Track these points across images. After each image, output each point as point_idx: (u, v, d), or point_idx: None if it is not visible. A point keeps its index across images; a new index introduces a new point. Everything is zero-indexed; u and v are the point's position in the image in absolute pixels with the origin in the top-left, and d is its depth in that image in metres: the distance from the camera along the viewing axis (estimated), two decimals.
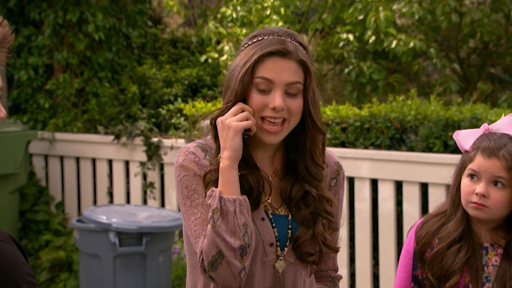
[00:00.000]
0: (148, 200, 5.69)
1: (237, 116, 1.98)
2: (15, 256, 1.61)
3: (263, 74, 1.99)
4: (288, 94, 2.01)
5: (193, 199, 2.02)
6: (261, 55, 1.99)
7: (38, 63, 6.41)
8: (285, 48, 2.00)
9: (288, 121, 2.02)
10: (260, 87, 2.00)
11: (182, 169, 2.04)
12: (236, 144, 1.97)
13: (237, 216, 1.93)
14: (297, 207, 2.07)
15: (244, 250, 1.93)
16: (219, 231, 1.92)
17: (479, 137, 2.22)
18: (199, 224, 2.00)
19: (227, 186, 1.96)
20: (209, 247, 1.93)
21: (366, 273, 4.68)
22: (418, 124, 4.71)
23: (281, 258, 2.06)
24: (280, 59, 2.00)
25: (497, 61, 7.12)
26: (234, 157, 1.97)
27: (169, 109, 6.15)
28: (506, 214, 2.19)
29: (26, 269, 1.62)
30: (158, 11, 8.28)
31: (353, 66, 6.36)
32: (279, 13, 6.21)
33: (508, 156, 2.14)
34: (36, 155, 6.21)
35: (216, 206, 1.93)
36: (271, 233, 2.05)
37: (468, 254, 2.20)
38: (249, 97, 2.02)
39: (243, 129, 1.97)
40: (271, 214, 2.07)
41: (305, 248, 2.06)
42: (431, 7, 6.19)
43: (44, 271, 5.58)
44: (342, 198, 2.22)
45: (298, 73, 2.01)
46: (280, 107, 1.98)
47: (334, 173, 2.19)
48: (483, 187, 2.16)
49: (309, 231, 2.05)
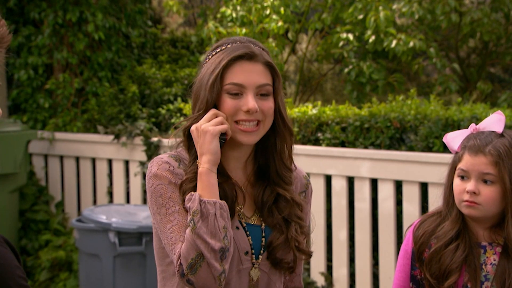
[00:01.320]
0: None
1: (212, 121, 1.99)
2: (8, 258, 1.60)
3: (232, 80, 2.02)
4: (259, 96, 2.03)
5: (168, 207, 2.01)
6: (229, 59, 2.02)
7: (38, 62, 6.41)
8: (251, 51, 2.04)
9: (263, 122, 2.04)
10: (231, 92, 2.02)
11: (156, 179, 2.03)
12: (215, 147, 1.98)
13: (217, 218, 1.93)
14: (269, 212, 2.08)
15: (223, 253, 1.93)
16: (200, 232, 1.91)
17: (466, 137, 2.24)
18: (176, 231, 1.98)
19: (207, 189, 1.96)
20: (189, 249, 1.92)
21: (366, 273, 4.68)
22: (418, 124, 4.70)
23: (256, 266, 2.06)
24: (248, 62, 2.03)
25: (497, 60, 7.12)
26: (213, 161, 1.98)
27: (169, 108, 6.15)
28: (501, 211, 2.20)
29: (19, 272, 1.61)
30: (158, 11, 8.28)
31: (353, 66, 6.35)
32: (279, 12, 6.21)
33: (494, 151, 2.15)
34: (36, 154, 6.20)
35: (196, 208, 1.93)
36: (246, 242, 2.05)
37: (465, 253, 2.20)
38: (220, 103, 2.03)
39: (220, 132, 1.98)
40: (244, 223, 2.07)
41: (279, 253, 2.07)
42: (431, 7, 6.18)
43: (44, 270, 5.57)
44: (310, 214, 2.23)
45: (267, 75, 2.05)
46: (254, 108, 2.00)
47: (304, 186, 2.21)
48: (473, 184, 2.17)
49: (282, 236, 2.06)
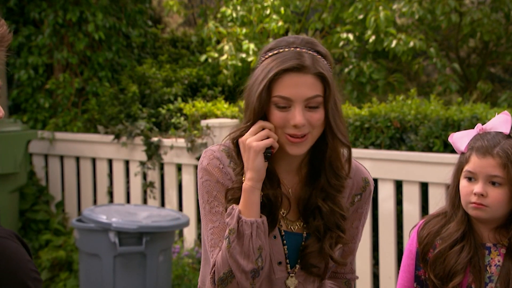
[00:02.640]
0: (148, 199, 5.69)
1: (257, 135, 1.94)
2: (19, 253, 1.60)
3: (280, 93, 1.93)
4: (308, 108, 1.95)
5: (213, 206, 2.00)
6: (276, 72, 1.92)
7: (38, 62, 6.41)
8: (300, 63, 1.92)
9: (311, 133, 1.96)
10: (279, 105, 1.94)
11: (205, 173, 2.02)
12: (258, 165, 1.93)
13: (253, 239, 1.91)
14: (312, 216, 2.03)
15: (256, 273, 1.92)
16: (233, 252, 1.90)
17: (473, 137, 2.22)
18: (216, 234, 1.98)
19: (248, 207, 1.93)
20: (222, 264, 1.92)
21: (366, 273, 4.68)
22: (418, 124, 4.70)
23: (292, 275, 2.03)
24: (296, 75, 1.93)
25: (497, 60, 7.12)
26: (256, 178, 1.94)
27: (169, 108, 6.15)
28: (507, 212, 2.19)
29: (31, 266, 1.62)
30: (158, 11, 8.28)
31: (353, 66, 6.36)
32: (279, 12, 6.21)
33: (502, 154, 2.13)
34: (36, 154, 6.21)
35: (233, 227, 1.91)
36: (281, 252, 2.03)
37: (470, 254, 2.19)
38: (269, 114, 1.97)
39: (264, 148, 1.93)
40: (283, 231, 2.04)
41: (312, 259, 2.03)
42: (431, 7, 6.19)
43: (44, 270, 5.58)
44: (365, 214, 2.16)
45: (316, 86, 1.94)
46: (301, 124, 1.92)
47: (360, 189, 2.13)
48: (480, 186, 2.15)
49: (317, 244, 2.02)
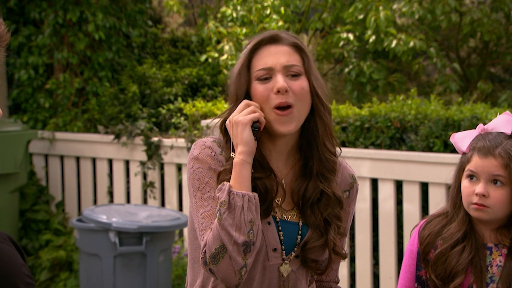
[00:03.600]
0: (148, 199, 5.69)
1: (243, 111, 1.97)
2: (13, 256, 1.59)
3: (259, 65, 2.01)
4: (290, 76, 2.00)
5: (204, 192, 2.00)
6: (252, 46, 2.03)
7: (38, 62, 6.41)
8: (275, 34, 2.03)
9: (296, 105, 1.98)
10: (260, 77, 2.00)
11: (196, 161, 2.03)
12: (247, 137, 1.95)
13: (244, 211, 1.91)
14: (311, 210, 2.04)
15: (247, 247, 1.91)
16: (225, 224, 1.90)
17: (475, 138, 2.22)
18: (207, 217, 1.97)
19: (238, 180, 1.94)
20: (213, 239, 1.91)
21: (366, 273, 4.68)
22: (418, 124, 4.70)
23: (287, 262, 2.04)
24: (273, 46, 2.03)
25: (497, 60, 7.12)
26: (247, 151, 1.95)
27: (169, 108, 6.15)
28: (509, 213, 2.18)
29: (24, 270, 1.60)
30: (158, 11, 8.28)
31: (353, 66, 6.36)
32: (279, 12, 6.21)
33: (504, 154, 2.13)
34: (36, 154, 6.21)
35: (224, 199, 1.91)
36: (275, 238, 2.02)
37: (472, 255, 2.19)
38: (252, 92, 2.02)
39: (251, 121, 1.96)
40: (278, 219, 2.04)
41: (313, 254, 2.04)
42: (431, 7, 6.19)
43: (44, 270, 5.58)
44: (352, 212, 2.19)
45: (294, 55, 2.02)
46: (283, 87, 1.96)
47: (348, 185, 2.16)
48: (482, 187, 2.15)
49: (321, 239, 2.03)
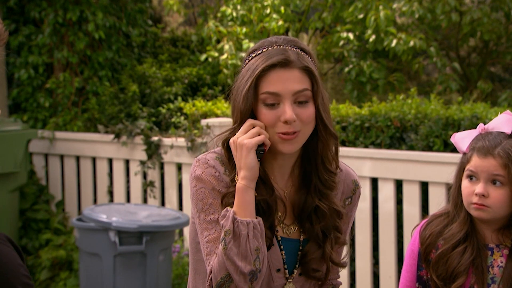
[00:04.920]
0: (148, 199, 5.69)
1: (248, 133, 1.92)
2: (11, 257, 1.59)
3: (267, 89, 1.93)
4: (298, 103, 1.94)
5: (208, 214, 1.96)
6: (262, 69, 1.93)
7: (38, 62, 6.41)
8: (286, 58, 1.94)
9: (302, 130, 1.95)
10: (267, 102, 1.94)
11: (199, 181, 1.98)
12: (251, 162, 1.91)
13: (249, 240, 1.87)
14: (309, 221, 2.02)
15: (254, 275, 1.88)
16: (230, 254, 1.86)
17: (475, 138, 2.21)
18: (212, 241, 1.94)
19: (242, 207, 1.90)
20: (219, 268, 1.88)
21: (366, 272, 4.68)
22: (418, 123, 4.70)
23: (290, 280, 2.02)
24: (283, 70, 1.93)
25: (497, 60, 7.12)
26: (250, 177, 1.91)
27: (169, 108, 6.15)
28: (510, 213, 2.18)
29: (22, 271, 1.60)
30: (158, 10, 8.28)
31: (353, 65, 6.35)
32: (279, 11, 6.21)
33: (504, 154, 2.13)
34: (36, 154, 6.21)
35: (228, 228, 1.88)
36: (279, 259, 2.01)
37: (473, 255, 2.18)
38: (258, 113, 1.96)
39: (256, 145, 1.91)
40: (280, 237, 2.02)
41: (312, 264, 2.03)
42: (431, 6, 6.19)
43: (44, 270, 5.58)
44: (352, 218, 2.18)
45: (304, 80, 1.95)
46: (292, 118, 1.91)
47: (350, 192, 2.13)
48: (481, 186, 2.15)
49: (319, 250, 2.02)
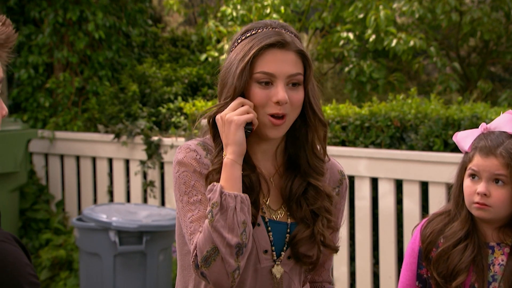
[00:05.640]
0: (148, 198, 5.69)
1: (237, 110, 1.92)
2: (17, 256, 1.58)
3: (263, 68, 1.93)
4: (290, 86, 1.94)
5: (191, 196, 1.96)
6: (259, 48, 1.93)
7: (38, 61, 6.41)
8: (283, 39, 1.94)
9: (289, 115, 1.95)
10: (261, 81, 1.94)
11: (181, 165, 1.98)
12: (240, 138, 1.90)
13: (237, 212, 1.86)
14: (297, 204, 2.00)
15: (240, 249, 1.86)
16: (217, 226, 1.85)
17: (477, 137, 2.22)
18: (195, 221, 1.93)
19: (229, 181, 1.89)
20: (205, 242, 1.86)
21: (366, 272, 4.68)
22: (418, 123, 4.70)
23: (278, 263, 2.00)
24: (279, 51, 1.93)
25: (497, 59, 7.12)
26: (238, 152, 1.91)
27: (169, 107, 6.15)
28: (511, 212, 2.18)
29: (29, 270, 1.59)
30: (158, 10, 8.28)
31: (353, 65, 6.35)
32: (279, 11, 6.21)
33: (506, 153, 2.13)
34: (36, 153, 6.21)
35: (216, 200, 1.86)
36: (266, 240, 1.99)
37: (474, 253, 2.19)
38: (249, 92, 1.95)
39: (244, 122, 1.91)
40: (267, 219, 2.00)
41: (302, 248, 2.00)
42: (431, 6, 6.19)
43: (44, 269, 5.58)
44: (343, 209, 2.15)
45: (298, 64, 1.96)
46: (284, 100, 1.91)
47: (337, 182, 2.12)
48: (483, 186, 2.15)
49: (307, 230, 1.99)
